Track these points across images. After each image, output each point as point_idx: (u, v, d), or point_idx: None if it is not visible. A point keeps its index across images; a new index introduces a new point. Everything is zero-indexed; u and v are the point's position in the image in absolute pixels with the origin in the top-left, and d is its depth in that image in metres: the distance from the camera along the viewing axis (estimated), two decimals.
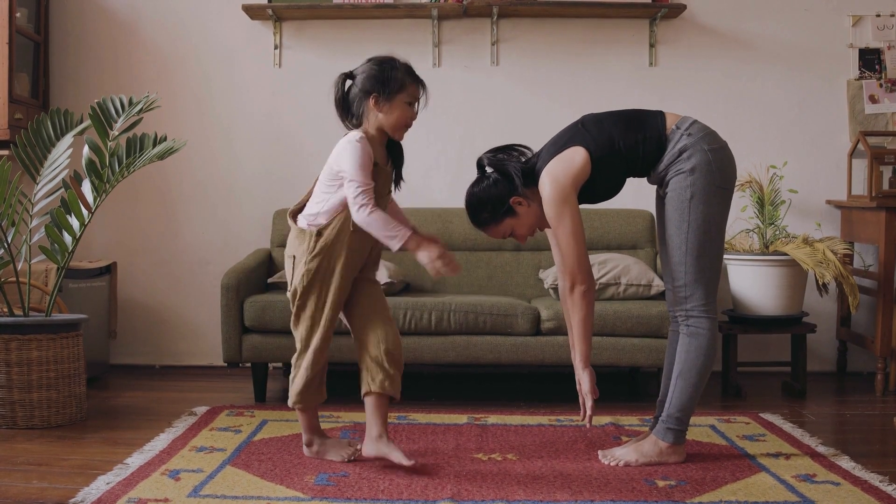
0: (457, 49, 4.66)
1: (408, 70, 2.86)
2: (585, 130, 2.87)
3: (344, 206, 2.79)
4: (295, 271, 2.84)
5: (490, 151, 2.97)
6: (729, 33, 4.65)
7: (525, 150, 2.98)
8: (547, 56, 4.67)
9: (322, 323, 2.85)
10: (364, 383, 2.88)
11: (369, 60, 2.88)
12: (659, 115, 2.90)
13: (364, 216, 2.73)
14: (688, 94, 4.62)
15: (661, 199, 3.02)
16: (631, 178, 2.98)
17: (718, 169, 2.82)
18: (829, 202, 4.66)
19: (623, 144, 2.85)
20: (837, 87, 4.67)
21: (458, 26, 4.66)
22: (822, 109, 4.67)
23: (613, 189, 2.95)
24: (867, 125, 4.62)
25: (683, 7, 4.53)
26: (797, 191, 4.49)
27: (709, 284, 2.88)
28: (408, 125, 2.87)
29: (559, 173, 2.81)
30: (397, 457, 2.78)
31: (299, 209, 2.91)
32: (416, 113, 2.87)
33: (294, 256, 2.85)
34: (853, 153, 4.53)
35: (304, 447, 3.02)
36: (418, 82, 2.86)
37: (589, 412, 2.93)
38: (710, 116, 3.34)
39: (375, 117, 2.82)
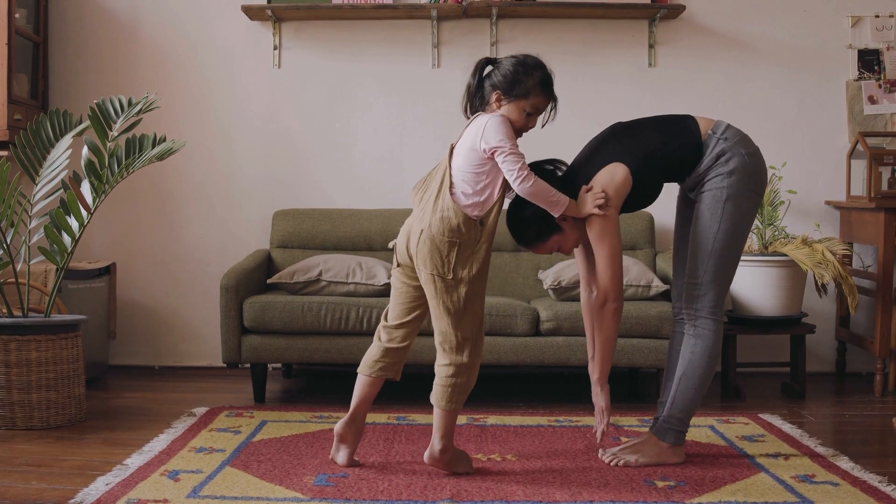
0: (456, 50, 4.66)
1: (544, 79, 2.82)
2: (620, 143, 2.87)
3: (498, 196, 2.75)
4: (458, 257, 2.72)
5: (533, 165, 2.86)
6: (728, 34, 4.66)
7: (560, 166, 2.93)
8: (546, 57, 4.56)
9: (483, 315, 2.82)
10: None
11: (515, 56, 2.83)
12: (692, 121, 2.90)
13: (528, 186, 2.70)
14: (687, 94, 4.62)
15: (685, 199, 3.02)
16: None
17: (754, 172, 2.85)
18: (828, 203, 4.66)
19: (661, 154, 2.85)
20: (836, 88, 4.67)
21: (458, 27, 4.67)
22: (821, 110, 4.68)
23: (652, 197, 2.95)
24: (866, 126, 4.62)
25: (682, 8, 4.53)
26: (796, 191, 4.49)
27: (722, 287, 2.89)
28: (522, 132, 2.82)
29: (605, 188, 2.80)
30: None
31: (450, 193, 2.75)
32: (536, 124, 2.84)
33: (458, 243, 2.71)
34: (852, 154, 4.54)
35: (439, 456, 2.81)
36: (549, 96, 2.83)
37: (602, 427, 2.94)
38: (709, 117, 3.33)
39: (499, 110, 2.79)
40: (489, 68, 2.84)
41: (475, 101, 2.84)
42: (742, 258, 4.07)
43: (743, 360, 4.42)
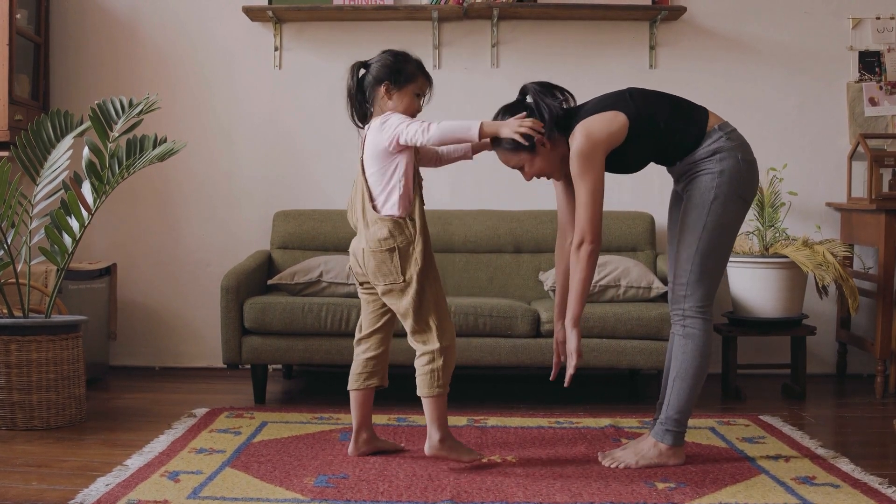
0: (457, 51, 4.66)
1: (419, 64, 2.94)
2: (632, 100, 2.87)
3: (417, 191, 2.89)
4: (401, 261, 2.85)
5: (537, 84, 2.93)
6: (729, 35, 4.66)
7: (569, 97, 2.95)
8: (547, 58, 4.67)
9: (444, 299, 2.94)
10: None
11: (384, 52, 2.95)
12: (703, 111, 2.92)
13: (434, 130, 2.76)
14: (688, 96, 4.53)
15: (677, 199, 3.02)
16: (632, 181, 2.98)
17: (745, 180, 2.84)
18: (828, 204, 4.66)
19: (664, 125, 2.85)
20: (837, 90, 4.67)
21: (459, 28, 4.67)
22: (821, 112, 4.68)
23: (636, 165, 2.95)
24: (867, 127, 4.62)
25: (683, 9, 4.53)
26: (797, 193, 4.49)
27: (710, 287, 2.88)
28: (414, 116, 2.91)
29: (595, 130, 2.81)
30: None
31: (371, 206, 2.89)
32: (422, 107, 2.95)
33: (396, 248, 2.84)
34: (853, 155, 4.53)
35: (438, 445, 2.91)
36: (427, 77, 2.95)
37: (571, 371, 2.87)
38: None
39: (385, 105, 2.89)
40: (362, 70, 2.94)
41: (357, 104, 2.94)
42: (743, 260, 4.10)
43: (743, 361, 4.42)
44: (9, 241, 3.52)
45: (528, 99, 2.92)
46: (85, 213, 3.55)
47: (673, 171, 2.97)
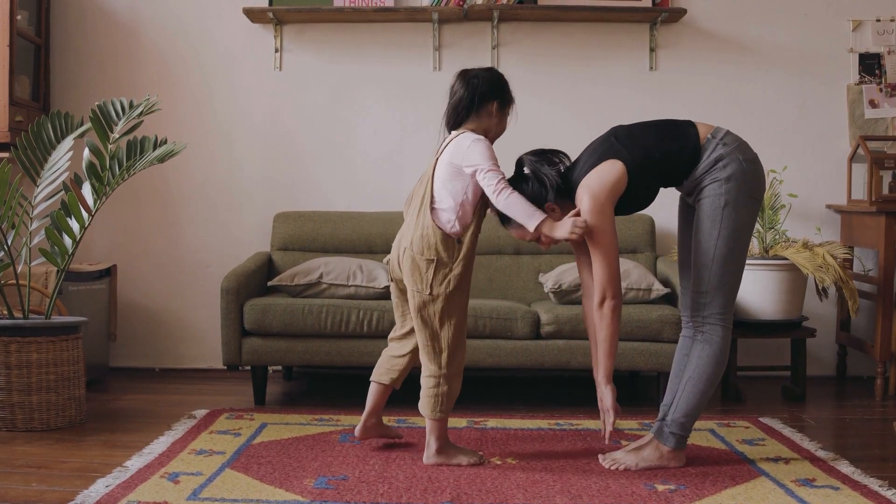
0: (457, 53, 4.66)
1: (508, 86, 3.00)
2: (619, 143, 2.88)
3: (474, 217, 2.90)
4: (434, 275, 2.86)
5: (532, 154, 2.98)
6: (729, 37, 4.66)
7: (564, 159, 2.99)
8: (547, 60, 4.67)
9: (464, 331, 2.96)
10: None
11: (488, 69, 2.98)
12: (691, 126, 2.91)
13: (505, 199, 2.80)
14: (688, 98, 4.62)
15: (685, 207, 3.02)
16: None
17: (752, 179, 2.84)
18: (828, 206, 4.66)
19: (659, 155, 2.86)
20: (837, 92, 4.67)
21: (459, 30, 4.67)
22: (822, 114, 4.68)
23: (648, 200, 2.97)
24: (867, 130, 4.62)
25: (683, 11, 4.54)
26: (797, 195, 4.49)
27: (729, 293, 2.89)
28: (500, 135, 3.01)
29: (596, 186, 2.83)
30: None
31: (429, 209, 2.89)
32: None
33: (435, 261, 2.86)
34: (853, 158, 4.54)
35: (435, 455, 2.96)
36: (512, 100, 3.01)
37: (609, 428, 2.94)
38: (709, 120, 3.33)
39: (488, 121, 2.94)
40: (475, 80, 2.93)
41: (462, 113, 2.93)
42: None
43: (743, 363, 4.42)
44: (9, 242, 3.52)
45: (526, 170, 2.94)
46: (85, 215, 3.55)
47: (682, 189, 2.98)
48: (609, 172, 2.84)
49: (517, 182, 2.94)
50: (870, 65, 4.66)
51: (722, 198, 2.83)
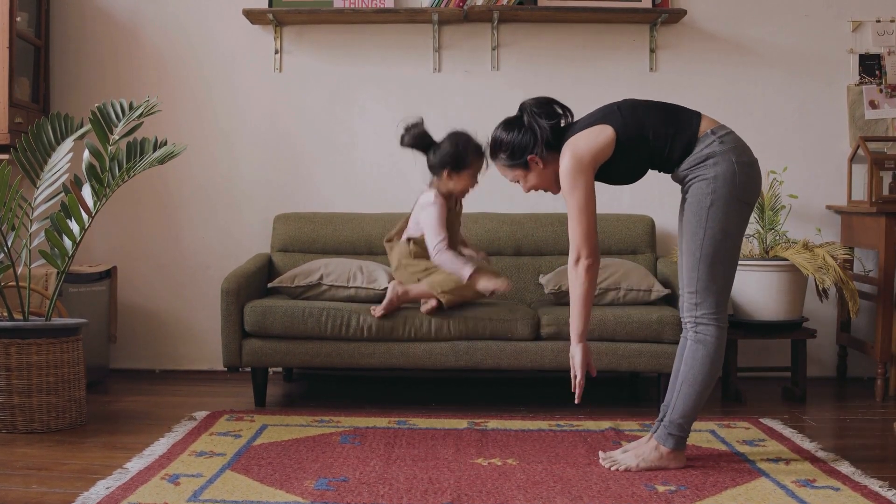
0: (457, 54, 4.67)
1: (477, 150, 3.70)
2: (620, 113, 2.90)
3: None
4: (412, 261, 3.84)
5: (536, 103, 2.99)
6: (729, 38, 4.66)
7: (566, 114, 3.02)
8: (547, 61, 4.67)
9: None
10: None
11: (452, 135, 3.74)
12: (696, 116, 2.92)
13: (440, 257, 3.71)
14: (688, 98, 4.58)
15: (683, 207, 3.03)
16: (632, 184, 2.99)
17: (742, 182, 2.82)
18: (829, 207, 4.66)
19: (653, 134, 2.86)
20: (837, 93, 4.67)
21: (459, 31, 4.67)
22: (822, 115, 4.68)
23: (633, 175, 2.98)
24: (867, 130, 4.62)
25: (684, 12, 4.54)
26: (797, 196, 4.49)
27: (720, 293, 2.88)
28: (465, 193, 3.81)
29: (581, 147, 2.86)
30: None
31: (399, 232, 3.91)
32: (478, 182, 3.80)
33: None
34: (853, 158, 4.54)
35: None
36: (483, 158, 3.69)
37: (579, 390, 2.97)
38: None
39: (446, 184, 3.77)
40: (440, 148, 3.75)
41: (431, 171, 3.82)
42: (743, 262, 4.09)
43: (744, 364, 4.42)
44: (9, 243, 3.52)
45: (525, 118, 2.97)
46: (85, 216, 3.55)
47: (674, 179, 2.98)
48: (597, 137, 2.86)
49: (510, 126, 2.98)
50: (870, 65, 4.66)
51: (708, 197, 2.81)
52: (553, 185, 3.01)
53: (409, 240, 3.83)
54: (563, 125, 2.99)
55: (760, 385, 4.44)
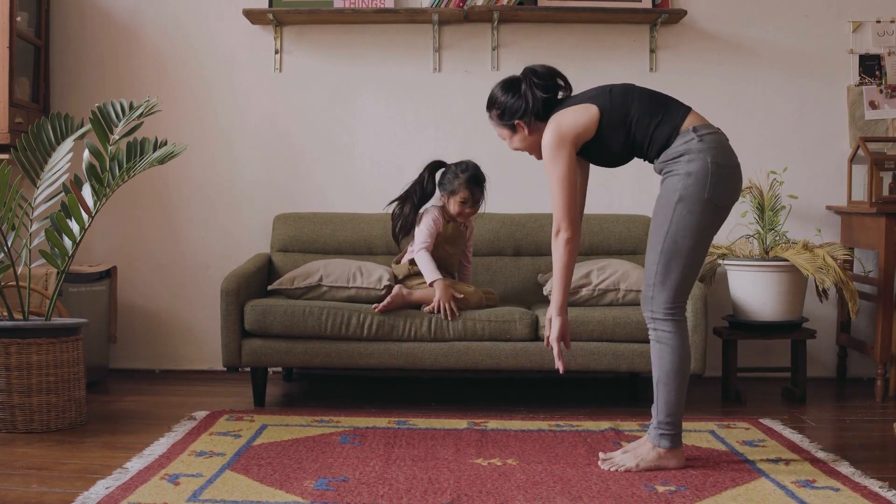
0: (457, 54, 4.67)
1: (470, 180, 3.98)
2: (610, 95, 2.94)
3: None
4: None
5: (537, 73, 3.05)
6: (729, 39, 4.66)
7: (566, 88, 3.08)
8: (548, 61, 4.56)
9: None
10: None
11: (457, 163, 4.04)
12: (684, 111, 2.92)
13: (416, 255, 3.94)
14: (688, 99, 4.54)
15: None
16: (632, 184, 3.00)
17: (715, 184, 2.80)
18: (829, 208, 4.66)
19: (634, 123, 2.89)
20: (837, 93, 4.67)
21: (459, 31, 4.67)
22: (822, 115, 4.68)
23: (615, 159, 3.01)
24: (867, 131, 4.62)
25: (684, 13, 4.54)
26: (797, 196, 4.49)
27: (676, 290, 2.87)
28: (461, 217, 4.05)
29: (564, 123, 2.92)
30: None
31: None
32: (473, 210, 4.05)
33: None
34: (853, 159, 4.54)
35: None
36: (472, 189, 3.98)
37: (559, 361, 3.05)
38: (709, 121, 3.34)
39: (447, 205, 4.04)
40: (446, 172, 4.05)
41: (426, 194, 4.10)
42: (743, 263, 4.10)
43: (744, 364, 4.42)
44: (9, 243, 3.52)
45: (523, 86, 3.04)
46: (85, 216, 3.55)
47: (655, 170, 2.99)
48: (581, 115, 2.91)
49: (507, 88, 3.06)
50: (870, 66, 4.66)
51: (677, 193, 2.81)
52: (536, 152, 3.08)
53: (410, 262, 3.99)
54: (559, 97, 3.04)
55: (760, 385, 4.44)
